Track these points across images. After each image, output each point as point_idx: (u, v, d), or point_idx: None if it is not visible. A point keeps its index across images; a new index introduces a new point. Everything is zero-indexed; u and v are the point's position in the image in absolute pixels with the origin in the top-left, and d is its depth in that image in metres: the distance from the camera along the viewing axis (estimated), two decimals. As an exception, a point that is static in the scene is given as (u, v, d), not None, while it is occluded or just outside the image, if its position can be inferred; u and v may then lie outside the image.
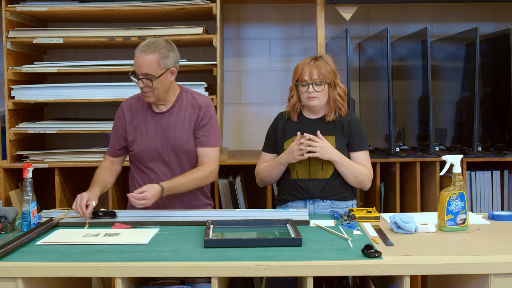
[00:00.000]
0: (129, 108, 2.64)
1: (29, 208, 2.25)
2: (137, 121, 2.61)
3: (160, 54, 2.47)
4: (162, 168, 2.60)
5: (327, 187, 2.64)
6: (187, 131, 2.59)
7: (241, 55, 3.95)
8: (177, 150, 2.59)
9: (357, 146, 2.67)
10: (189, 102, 2.62)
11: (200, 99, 2.64)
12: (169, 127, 2.58)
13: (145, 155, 2.60)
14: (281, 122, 2.75)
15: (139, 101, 2.64)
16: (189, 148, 2.59)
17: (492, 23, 3.90)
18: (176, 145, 2.58)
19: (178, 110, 2.60)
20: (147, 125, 2.60)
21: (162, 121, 2.59)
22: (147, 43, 2.49)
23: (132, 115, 2.62)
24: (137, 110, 2.62)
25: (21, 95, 3.34)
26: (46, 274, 1.86)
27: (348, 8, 3.49)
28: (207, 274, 1.85)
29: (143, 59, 2.46)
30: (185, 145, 2.59)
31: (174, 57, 2.53)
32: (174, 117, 2.59)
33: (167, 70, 2.50)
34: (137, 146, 2.60)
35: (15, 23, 3.36)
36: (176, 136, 2.58)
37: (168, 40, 2.57)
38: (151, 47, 2.47)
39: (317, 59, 2.65)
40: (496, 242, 2.07)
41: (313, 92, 2.61)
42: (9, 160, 3.33)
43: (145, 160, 2.61)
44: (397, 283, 1.92)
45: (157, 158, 2.60)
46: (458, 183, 2.25)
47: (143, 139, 2.59)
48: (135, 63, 2.49)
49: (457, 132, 3.46)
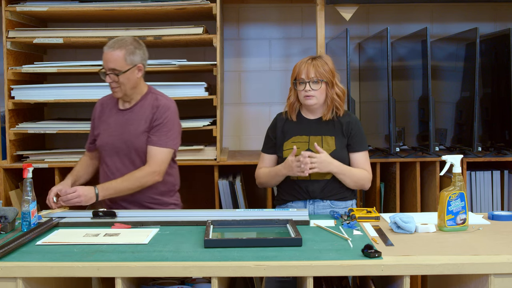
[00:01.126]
0: (101, 104, 2.78)
1: (29, 208, 2.25)
2: (105, 116, 2.73)
3: (127, 50, 2.58)
4: (117, 163, 2.67)
5: (326, 188, 2.64)
6: (141, 129, 2.64)
7: (241, 55, 3.95)
8: (129, 147, 2.65)
9: (356, 147, 2.67)
10: (150, 102, 2.68)
11: (161, 100, 2.70)
12: (127, 123, 2.66)
13: (103, 149, 2.69)
14: (280, 123, 2.75)
15: (111, 98, 2.75)
16: (139, 145, 2.64)
17: (492, 23, 3.90)
18: (129, 141, 2.64)
19: (138, 108, 2.67)
20: (110, 121, 2.70)
21: (123, 117, 2.68)
22: (114, 40, 2.61)
23: (102, 111, 2.74)
24: (107, 106, 2.74)
25: (21, 95, 3.34)
26: (46, 274, 1.86)
27: (348, 8, 3.49)
28: (207, 274, 1.85)
29: (110, 54, 2.57)
30: (135, 142, 2.64)
31: (141, 54, 2.63)
32: (134, 115, 2.67)
33: (134, 66, 2.59)
34: (99, 141, 2.72)
35: (15, 23, 3.36)
36: (130, 133, 2.64)
37: (136, 38, 2.68)
38: (118, 44, 2.58)
39: (315, 58, 2.66)
40: (496, 242, 2.07)
41: (310, 91, 2.61)
42: (9, 160, 3.33)
43: (104, 154, 2.70)
44: (397, 283, 1.92)
45: (113, 154, 2.67)
46: (458, 183, 2.25)
47: (104, 134, 2.69)
48: (103, 59, 2.59)
49: (457, 132, 3.46)
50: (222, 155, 3.41)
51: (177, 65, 3.32)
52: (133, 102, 2.69)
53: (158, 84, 3.32)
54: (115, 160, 2.67)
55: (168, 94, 3.29)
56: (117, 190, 2.57)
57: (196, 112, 3.79)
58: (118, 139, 2.65)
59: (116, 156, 2.67)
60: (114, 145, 2.66)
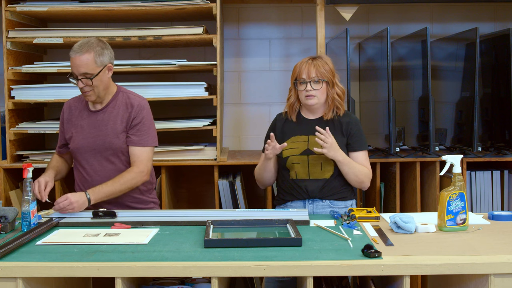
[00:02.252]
0: (69, 107, 2.74)
1: (29, 208, 2.25)
2: (74, 119, 2.70)
3: (95, 52, 2.55)
4: (94, 165, 2.65)
5: (326, 187, 2.64)
6: (118, 129, 2.64)
7: (241, 55, 3.94)
8: (108, 147, 2.64)
9: (356, 146, 2.68)
10: (123, 101, 2.68)
11: (134, 99, 2.70)
12: (102, 124, 2.65)
13: (79, 152, 2.67)
14: (279, 123, 2.76)
15: (79, 101, 2.74)
16: (118, 145, 2.64)
17: (492, 23, 3.90)
18: (107, 142, 2.63)
19: (111, 109, 2.67)
20: (82, 123, 2.68)
21: (96, 118, 2.66)
22: (80, 44, 2.56)
23: (70, 114, 2.72)
24: (76, 109, 2.72)
25: (21, 95, 3.34)
26: (46, 274, 1.86)
27: (348, 8, 3.49)
28: (207, 274, 1.85)
29: (79, 59, 2.53)
30: (115, 142, 2.63)
31: (109, 54, 2.62)
32: (107, 115, 2.66)
33: (104, 67, 2.59)
34: (73, 144, 2.69)
35: (15, 23, 3.36)
36: (107, 134, 2.64)
37: (100, 39, 2.66)
38: (85, 47, 2.54)
39: (316, 58, 2.67)
40: (496, 242, 2.07)
41: (311, 90, 2.61)
42: (9, 160, 3.33)
43: (79, 157, 2.68)
44: (397, 283, 1.92)
45: (90, 156, 2.65)
46: (458, 183, 2.25)
47: (78, 137, 2.67)
48: (72, 65, 2.55)
49: (457, 132, 3.46)
50: (222, 155, 3.41)
51: (177, 65, 3.32)
52: (104, 103, 2.67)
53: (158, 84, 3.33)
54: (91, 162, 2.66)
55: (168, 94, 3.31)
56: (108, 193, 2.55)
57: (196, 112, 3.79)
58: (94, 141, 2.64)
59: (92, 158, 2.65)
60: (90, 147, 2.64)
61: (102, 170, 2.65)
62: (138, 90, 3.30)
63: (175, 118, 3.48)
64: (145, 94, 3.28)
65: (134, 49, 3.84)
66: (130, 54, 3.83)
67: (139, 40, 3.31)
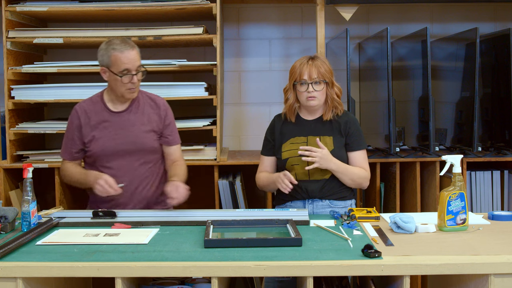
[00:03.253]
0: (84, 111, 2.66)
1: (29, 208, 2.25)
2: (94, 122, 2.63)
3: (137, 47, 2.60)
4: (122, 165, 2.63)
5: (325, 187, 2.64)
6: (147, 129, 2.64)
7: (241, 55, 3.94)
8: (138, 148, 2.63)
9: (354, 146, 2.68)
10: (145, 101, 2.69)
11: (156, 98, 2.72)
12: (129, 124, 2.63)
13: (104, 154, 2.63)
14: (278, 124, 2.76)
15: (92, 103, 2.68)
16: (149, 145, 2.65)
17: (492, 23, 3.90)
18: (138, 143, 2.63)
19: (136, 109, 2.66)
20: (105, 125, 2.63)
21: (122, 119, 2.64)
22: (122, 40, 2.56)
23: (87, 117, 2.64)
24: (92, 112, 2.65)
25: (21, 95, 3.34)
26: (46, 274, 1.86)
27: (348, 8, 3.49)
28: (207, 274, 1.85)
29: (132, 53, 2.54)
30: (145, 142, 2.64)
31: None
32: (133, 115, 2.65)
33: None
34: (96, 146, 2.63)
35: (15, 23, 3.36)
36: (137, 134, 2.63)
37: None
38: (130, 43, 2.56)
39: (314, 58, 2.66)
40: (496, 242, 2.07)
41: (313, 92, 2.61)
42: (9, 160, 3.33)
43: (104, 159, 2.64)
44: (397, 283, 1.92)
45: (117, 156, 2.63)
46: (458, 183, 2.25)
47: (102, 139, 2.62)
48: (124, 61, 2.52)
49: (457, 132, 3.46)
50: (222, 155, 3.41)
51: (177, 65, 3.32)
52: (127, 103, 2.66)
53: (158, 84, 3.33)
54: (119, 162, 2.63)
55: (168, 94, 3.31)
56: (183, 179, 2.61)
57: (196, 112, 3.79)
58: (123, 141, 2.61)
59: (120, 158, 2.63)
60: (119, 148, 2.61)
61: (131, 170, 2.63)
62: (138, 90, 3.32)
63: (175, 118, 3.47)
64: (145, 94, 3.29)
65: (134, 49, 3.83)
66: (130, 54, 3.82)
67: (139, 40, 3.31)
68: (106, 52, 2.54)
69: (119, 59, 2.51)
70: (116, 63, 2.52)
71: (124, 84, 2.54)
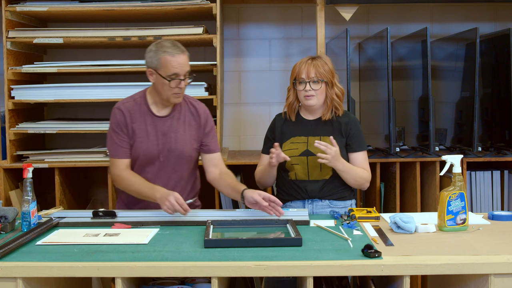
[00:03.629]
0: (128, 110, 2.58)
1: (29, 208, 2.25)
2: (136, 124, 2.57)
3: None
4: (158, 171, 2.58)
5: (325, 187, 2.64)
6: (188, 137, 2.59)
7: (241, 55, 3.95)
8: (177, 155, 2.58)
9: (355, 147, 2.68)
10: (187, 108, 2.63)
11: (198, 105, 2.66)
12: (171, 131, 2.57)
13: (143, 158, 2.57)
14: (279, 123, 2.76)
15: (136, 104, 2.59)
16: (189, 153, 2.60)
17: (492, 23, 3.90)
18: (178, 150, 2.57)
19: (178, 115, 2.60)
20: (147, 129, 2.56)
21: (164, 125, 2.57)
22: (173, 44, 2.48)
23: (131, 118, 2.57)
24: (136, 113, 2.58)
25: (21, 95, 3.34)
26: (46, 274, 1.86)
27: (348, 8, 3.49)
28: (207, 274, 1.85)
29: (183, 58, 2.47)
30: (185, 150, 2.59)
31: None
32: (175, 122, 2.59)
33: None
34: (137, 150, 2.56)
35: (15, 23, 3.36)
36: (178, 141, 2.57)
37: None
38: (180, 47, 2.49)
39: (315, 58, 2.66)
40: (496, 242, 2.07)
41: (310, 90, 2.61)
42: (9, 160, 3.33)
43: (142, 163, 2.58)
44: (397, 283, 1.92)
45: (155, 162, 2.57)
46: (458, 183, 2.25)
47: (143, 143, 2.56)
48: (175, 65, 2.44)
49: (457, 132, 3.46)
50: (222, 155, 3.40)
51: (177, 65, 3.31)
52: (170, 108, 2.59)
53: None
54: (156, 167, 2.56)
55: (168, 94, 3.30)
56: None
57: (196, 112, 3.79)
58: (163, 148, 2.55)
59: (158, 164, 2.57)
60: (157, 154, 2.55)
61: (166, 176, 2.58)
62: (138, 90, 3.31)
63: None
64: (145, 94, 3.29)
65: (134, 49, 3.83)
66: (130, 54, 3.83)
67: (139, 40, 3.31)
68: (155, 54, 2.46)
69: (169, 62, 2.44)
70: (166, 66, 2.44)
71: (171, 89, 2.47)
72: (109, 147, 2.60)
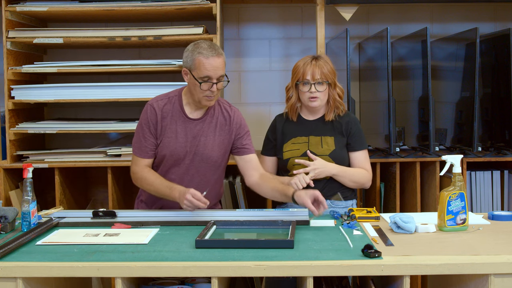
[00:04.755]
0: (161, 109, 2.53)
1: (29, 208, 2.25)
2: (167, 123, 2.53)
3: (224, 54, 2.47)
4: (183, 174, 2.55)
5: (327, 187, 2.64)
6: (217, 142, 2.56)
7: (241, 55, 3.95)
8: (203, 159, 2.55)
9: (356, 146, 2.68)
10: (220, 112, 2.58)
11: (231, 111, 2.61)
12: (201, 134, 2.54)
13: (170, 159, 2.54)
14: (279, 124, 2.75)
15: (169, 103, 2.55)
16: (215, 158, 2.57)
17: (492, 23, 3.90)
18: (205, 155, 2.55)
19: (210, 119, 2.56)
20: (177, 129, 2.53)
21: (195, 128, 2.53)
22: (210, 46, 2.43)
23: (162, 116, 2.53)
24: (168, 113, 2.53)
25: (21, 95, 3.34)
26: (46, 274, 1.86)
27: (348, 8, 3.49)
28: (207, 274, 1.85)
29: (218, 61, 2.41)
30: (213, 155, 2.56)
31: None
32: (206, 126, 2.55)
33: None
34: (163, 149, 2.53)
35: (15, 23, 3.36)
36: (206, 145, 2.54)
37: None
38: (217, 49, 2.43)
39: (317, 58, 2.65)
40: (496, 242, 2.07)
41: (315, 92, 2.61)
42: (9, 160, 3.33)
43: (168, 164, 2.55)
44: (397, 283, 1.92)
45: (181, 164, 2.54)
46: (458, 183, 2.25)
47: (172, 143, 2.52)
48: (209, 67, 2.40)
49: (457, 132, 3.46)
50: (222, 155, 3.40)
51: (177, 65, 3.32)
52: (203, 110, 2.56)
53: (158, 84, 3.33)
54: (182, 170, 2.54)
55: (168, 94, 3.30)
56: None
57: (196, 112, 3.79)
58: (190, 151, 2.53)
59: (183, 167, 2.54)
60: (184, 156, 2.53)
61: (189, 179, 2.55)
62: (138, 90, 3.32)
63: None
64: (145, 94, 3.30)
65: (134, 49, 3.84)
66: (130, 54, 3.83)
67: (139, 40, 3.31)
68: (191, 54, 2.43)
69: (202, 64, 2.40)
70: (199, 68, 2.40)
71: (202, 91, 2.42)
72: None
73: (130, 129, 3.33)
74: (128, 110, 3.80)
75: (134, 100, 3.32)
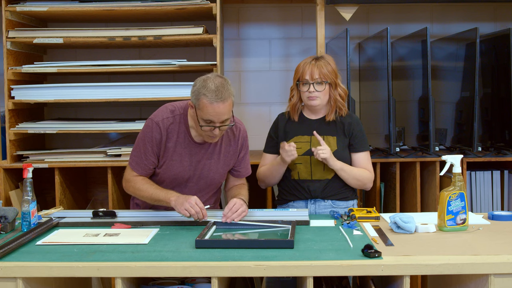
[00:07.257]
0: (166, 128, 2.45)
1: (29, 208, 2.25)
2: (171, 144, 2.46)
3: (232, 96, 2.38)
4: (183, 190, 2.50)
5: (328, 187, 2.64)
6: (221, 164, 2.55)
7: (241, 55, 3.95)
8: (207, 182, 2.54)
9: (358, 147, 2.68)
10: (226, 133, 2.53)
11: (236, 130, 2.57)
12: (206, 158, 2.50)
13: (173, 181, 2.51)
14: (281, 123, 2.76)
15: (175, 122, 2.47)
16: (218, 180, 2.58)
17: (492, 23, 3.90)
18: (209, 178, 2.53)
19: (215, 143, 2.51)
20: (182, 152, 2.47)
21: (200, 152, 2.49)
22: (217, 89, 2.31)
23: (167, 136, 2.45)
24: (173, 134, 2.46)
25: (21, 95, 3.34)
26: (46, 274, 1.86)
27: (348, 8, 3.49)
28: (207, 274, 1.85)
29: (222, 107, 2.31)
30: (216, 178, 2.55)
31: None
32: (211, 149, 2.51)
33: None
34: (166, 171, 2.48)
35: (15, 23, 3.36)
36: (211, 169, 2.52)
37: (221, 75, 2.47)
38: (224, 93, 2.32)
39: (318, 59, 2.66)
40: (496, 242, 2.07)
41: (314, 92, 2.61)
42: (9, 160, 3.33)
43: (168, 184, 2.51)
44: (397, 283, 1.92)
45: (182, 185, 2.52)
46: (458, 183, 2.25)
47: (175, 167, 2.48)
48: (212, 113, 2.30)
49: (457, 132, 3.46)
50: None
51: (177, 65, 3.32)
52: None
53: (158, 84, 3.33)
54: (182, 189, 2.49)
55: (168, 94, 3.31)
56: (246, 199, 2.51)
57: (196, 112, 3.78)
58: (194, 174, 2.50)
59: (185, 188, 2.51)
60: (187, 178, 2.50)
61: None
62: (138, 90, 3.32)
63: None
64: (145, 94, 3.30)
65: (134, 49, 3.84)
66: (130, 54, 3.83)
67: (139, 40, 3.31)
68: (197, 92, 2.32)
69: (206, 108, 2.29)
70: (202, 110, 2.31)
71: (203, 131, 2.37)
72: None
73: (130, 129, 3.33)
74: (128, 110, 3.80)
75: (134, 100, 3.32)
